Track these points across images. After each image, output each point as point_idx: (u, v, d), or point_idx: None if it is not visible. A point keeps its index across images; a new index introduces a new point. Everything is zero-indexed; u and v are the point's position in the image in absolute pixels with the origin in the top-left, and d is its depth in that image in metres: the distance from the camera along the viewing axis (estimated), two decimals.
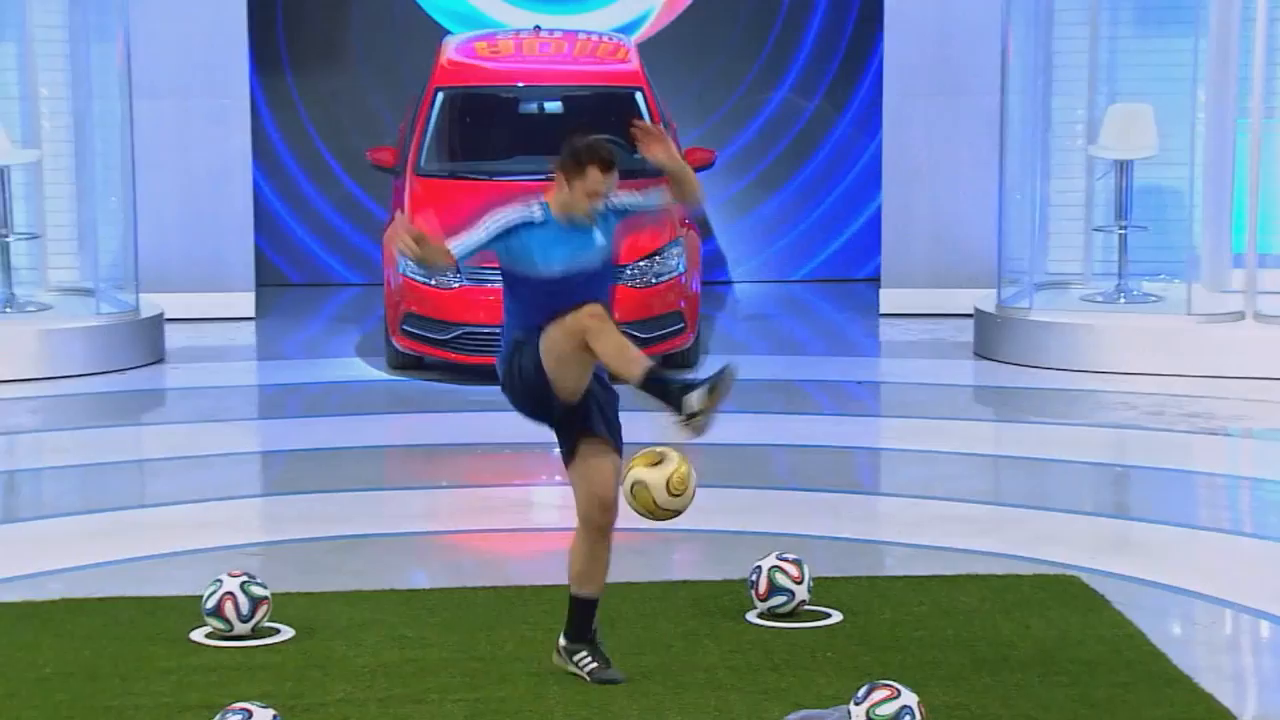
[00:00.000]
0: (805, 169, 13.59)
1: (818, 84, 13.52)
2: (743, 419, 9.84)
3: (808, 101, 13.51)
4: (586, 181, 5.73)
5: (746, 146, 13.63)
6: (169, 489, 8.56)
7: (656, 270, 10.61)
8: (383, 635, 6.39)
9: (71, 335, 10.76)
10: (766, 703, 5.77)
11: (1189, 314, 10.73)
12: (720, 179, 13.35)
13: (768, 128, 13.58)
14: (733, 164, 13.49)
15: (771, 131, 13.58)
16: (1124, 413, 9.83)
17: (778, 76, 13.56)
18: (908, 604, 6.70)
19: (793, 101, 13.55)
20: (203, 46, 12.13)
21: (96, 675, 6.04)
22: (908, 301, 12.31)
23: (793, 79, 13.57)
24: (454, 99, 11.46)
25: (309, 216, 13.41)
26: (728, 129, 13.50)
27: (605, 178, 5.75)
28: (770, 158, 13.57)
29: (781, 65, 13.55)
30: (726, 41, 13.56)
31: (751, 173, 13.62)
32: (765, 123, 13.58)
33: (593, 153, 5.75)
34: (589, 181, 5.73)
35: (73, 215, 11.57)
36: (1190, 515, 8.15)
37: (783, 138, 13.58)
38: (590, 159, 5.74)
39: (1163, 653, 6.21)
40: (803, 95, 13.53)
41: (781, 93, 13.56)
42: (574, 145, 5.78)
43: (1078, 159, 11.65)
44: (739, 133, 13.55)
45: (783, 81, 13.57)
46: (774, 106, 13.57)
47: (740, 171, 13.60)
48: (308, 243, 13.43)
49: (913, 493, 8.39)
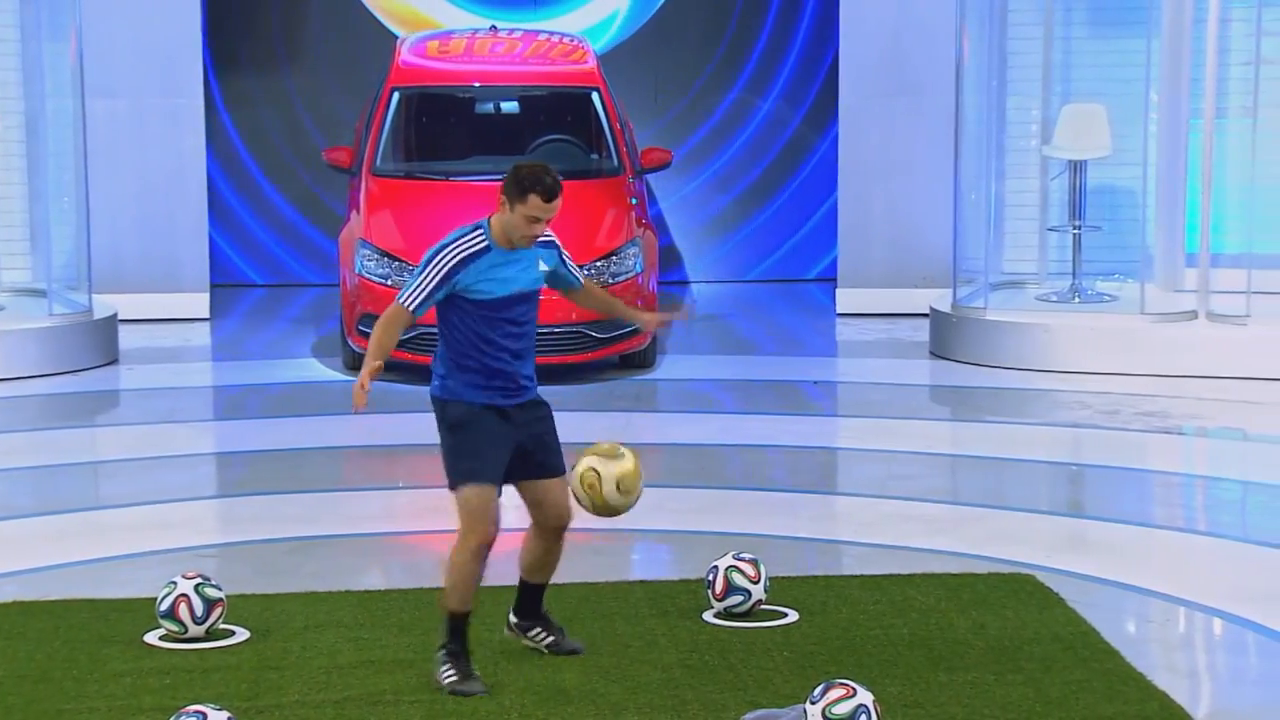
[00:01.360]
0: (759, 168, 13.61)
1: (771, 83, 13.55)
2: (700, 419, 9.85)
3: (762, 100, 13.54)
4: (527, 207, 5.76)
5: (701, 145, 13.64)
6: (123, 490, 8.51)
7: (613, 270, 10.61)
8: (339, 636, 6.37)
9: (24, 336, 10.69)
10: (723, 702, 5.78)
11: (1143, 313, 10.79)
12: (676, 178, 13.37)
13: (721, 127, 13.60)
14: (688, 163, 13.50)
15: (726, 130, 13.61)
16: (1079, 412, 9.88)
17: (733, 76, 13.57)
18: (864, 603, 6.71)
19: (747, 100, 13.57)
20: (157, 46, 12.07)
21: (49, 678, 6.00)
22: (864, 301, 12.35)
23: (746, 78, 13.59)
24: (410, 99, 11.43)
25: (267, 216, 13.35)
26: (683, 128, 13.51)
27: (546, 206, 5.77)
28: (725, 157, 13.59)
29: (737, 65, 13.56)
30: (682, 41, 13.57)
31: (708, 172, 13.64)
32: (719, 122, 13.60)
33: (536, 181, 5.76)
34: (529, 208, 5.76)
35: (25, 215, 11.49)
36: (1145, 514, 8.19)
37: (737, 137, 13.60)
38: (533, 187, 5.75)
39: (1117, 650, 6.25)
40: (757, 94, 13.55)
41: (735, 92, 13.58)
42: (519, 170, 5.81)
43: (1032, 159, 11.70)
44: (694, 132, 13.56)
45: (737, 81, 13.59)
46: (727, 106, 13.59)
47: (696, 171, 13.61)
48: (266, 243, 13.37)
49: (869, 492, 8.42)
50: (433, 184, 11.02)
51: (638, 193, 11.30)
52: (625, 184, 11.19)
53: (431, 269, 5.78)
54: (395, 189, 11.03)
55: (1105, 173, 11.47)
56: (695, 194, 13.62)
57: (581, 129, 11.53)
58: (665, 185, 13.45)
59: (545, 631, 6.10)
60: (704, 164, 13.55)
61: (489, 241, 5.80)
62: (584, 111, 11.49)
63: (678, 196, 13.59)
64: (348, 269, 10.75)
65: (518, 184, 5.76)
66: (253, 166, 13.32)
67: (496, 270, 5.79)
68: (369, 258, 10.57)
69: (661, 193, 13.56)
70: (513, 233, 5.80)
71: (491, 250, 5.79)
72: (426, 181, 11.07)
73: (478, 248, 5.79)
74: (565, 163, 11.34)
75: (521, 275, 5.84)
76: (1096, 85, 11.50)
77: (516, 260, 5.83)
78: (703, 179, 13.60)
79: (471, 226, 5.85)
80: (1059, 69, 11.66)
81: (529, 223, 5.77)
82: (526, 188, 5.75)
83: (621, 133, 11.38)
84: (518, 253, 5.82)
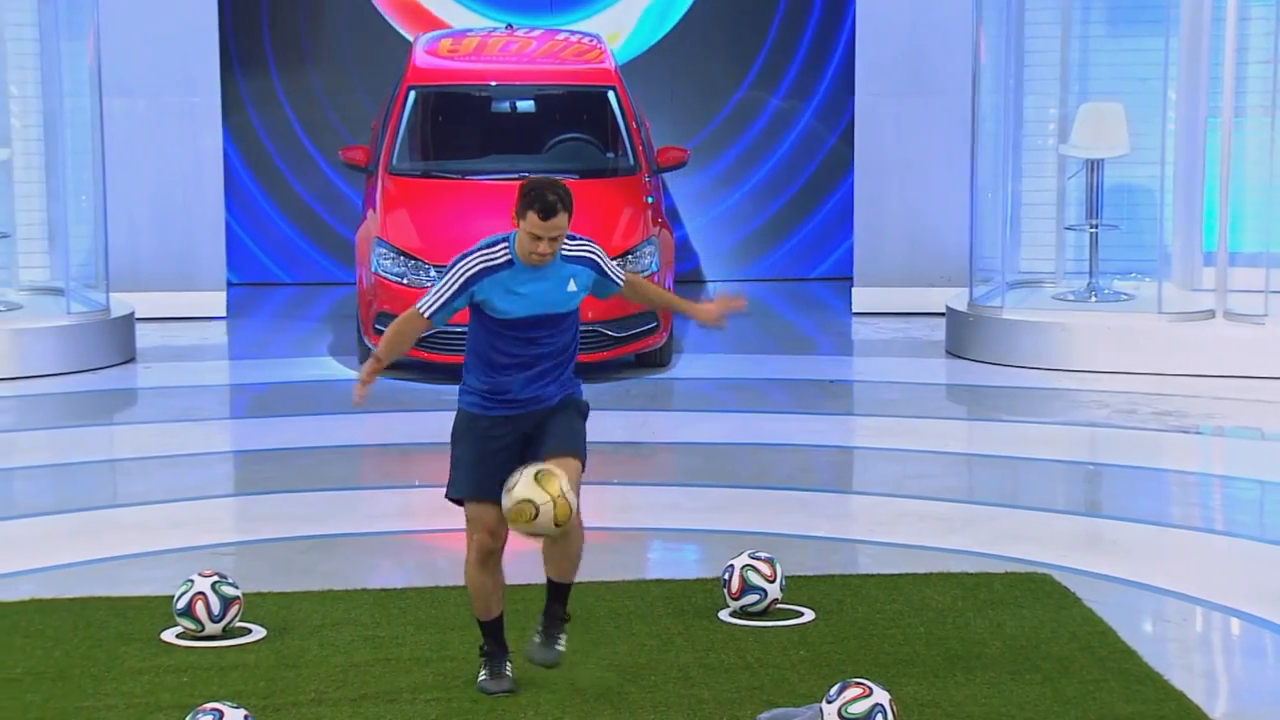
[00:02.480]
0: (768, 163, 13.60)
1: (781, 79, 13.54)
2: (716, 417, 9.85)
3: (771, 97, 13.53)
4: (527, 224, 5.53)
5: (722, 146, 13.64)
6: (141, 489, 8.53)
7: (630, 269, 10.60)
8: (355, 635, 6.38)
9: (42, 334, 10.72)
10: (740, 701, 5.78)
11: (1160, 312, 10.77)
12: (692, 177, 13.37)
13: (731, 123, 13.60)
14: (708, 164, 13.50)
15: (737, 127, 13.61)
16: (1096, 411, 9.87)
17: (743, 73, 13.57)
18: (880, 602, 6.71)
19: (756, 97, 13.56)
20: (174, 45, 12.10)
21: (68, 676, 6.02)
22: (880, 300, 12.34)
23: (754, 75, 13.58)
24: (427, 98, 11.44)
25: (290, 214, 13.38)
26: (698, 127, 13.51)
27: (543, 224, 5.50)
28: (734, 152, 13.59)
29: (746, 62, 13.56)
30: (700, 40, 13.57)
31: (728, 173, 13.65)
32: (729, 118, 13.61)
33: (536, 196, 5.50)
34: (528, 224, 5.53)
35: (43, 214, 11.53)
36: (1162, 513, 8.18)
37: (747, 133, 13.60)
38: (531, 204, 5.51)
39: (1134, 650, 6.24)
40: (767, 90, 13.55)
41: (744, 90, 13.58)
42: (525, 184, 5.59)
43: (1049, 158, 11.68)
44: (707, 129, 13.56)
45: (747, 78, 13.59)
46: (737, 103, 13.59)
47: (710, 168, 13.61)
48: (289, 241, 13.41)
49: (885, 491, 8.41)
50: (449, 183, 11.04)
51: (654, 191, 11.30)
52: (642, 182, 11.19)
53: (451, 277, 5.63)
54: (412, 188, 11.05)
55: (1123, 171, 11.45)
56: (708, 190, 13.63)
57: (598, 128, 11.54)
58: (685, 184, 13.46)
59: (537, 632, 5.86)
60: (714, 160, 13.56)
61: (511, 256, 5.60)
62: (600, 110, 11.50)
63: (697, 194, 13.59)
64: (364, 268, 10.77)
65: (520, 199, 5.55)
66: (277, 164, 13.35)
67: (518, 286, 5.58)
68: (385, 256, 10.59)
69: (683, 192, 13.57)
70: (522, 248, 5.59)
71: (514, 265, 5.58)
72: (443, 180, 11.09)
73: (498, 261, 5.59)
74: (581, 161, 11.36)
75: (546, 296, 5.60)
76: (1114, 84, 11.48)
77: (542, 278, 5.59)
78: (713, 175, 13.61)
79: (498, 238, 5.66)
80: (1077, 67, 11.64)
81: (531, 240, 5.53)
82: (526, 204, 5.52)
83: (638, 131, 11.38)
84: (544, 270, 5.60)
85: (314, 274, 13.35)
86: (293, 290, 13.20)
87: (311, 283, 13.33)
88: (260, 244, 13.35)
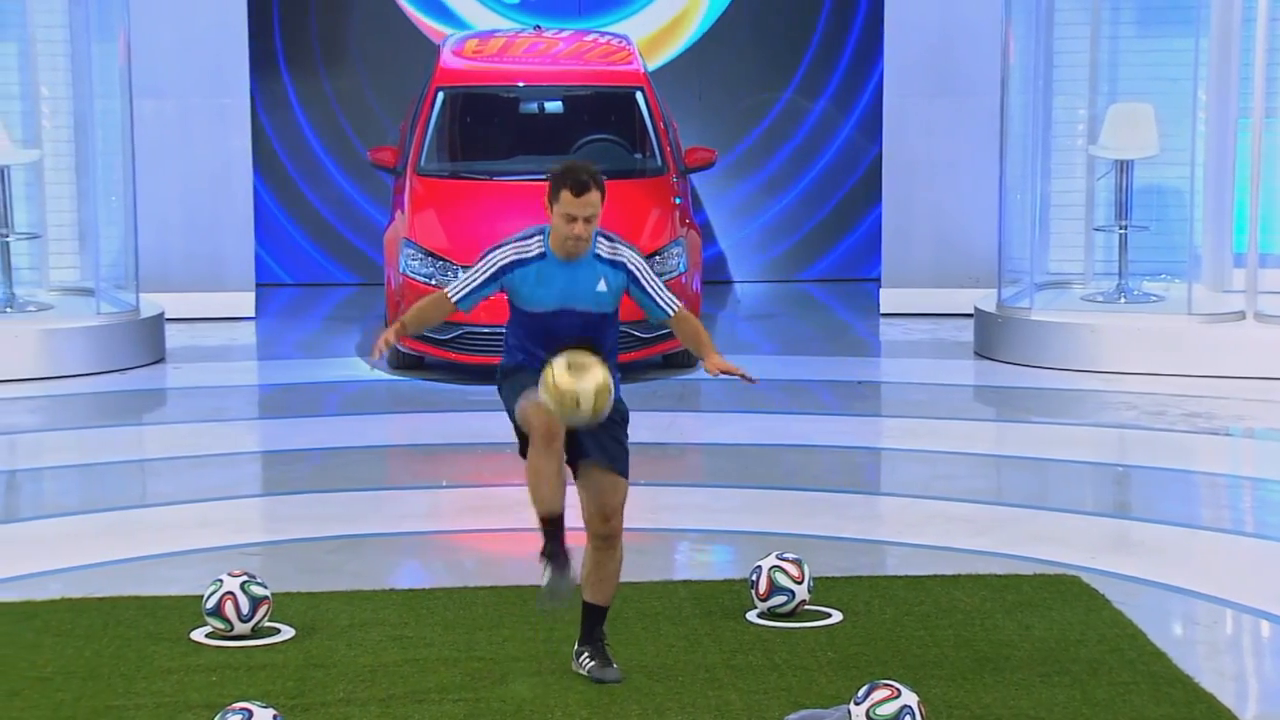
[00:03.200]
0: (810, 171, 13.60)
1: (823, 86, 13.53)
2: (743, 418, 9.84)
3: (813, 103, 13.53)
4: (560, 205, 5.54)
5: (751, 148, 13.64)
6: (169, 488, 8.56)
7: (657, 270, 10.60)
8: (383, 635, 6.39)
9: (72, 335, 10.76)
10: (767, 702, 5.77)
11: (1190, 314, 10.73)
12: (723, 180, 13.37)
13: (773, 129, 13.60)
14: (737, 165, 13.50)
15: (777, 133, 13.60)
16: (1125, 413, 9.83)
17: (784, 78, 13.57)
18: (908, 603, 6.70)
19: (797, 103, 13.55)
20: (203, 46, 12.14)
21: (97, 675, 6.04)
22: (908, 301, 12.32)
23: (798, 81, 13.58)
24: (455, 98, 11.46)
25: (307, 217, 13.42)
26: (732, 130, 13.51)
27: (576, 201, 5.51)
28: (777, 160, 13.59)
29: (788, 67, 13.55)
30: (731, 42, 13.56)
31: (759, 175, 13.64)
32: (771, 124, 13.60)
33: (567, 175, 5.53)
34: (562, 204, 5.54)
35: (73, 215, 11.58)
36: (1191, 515, 8.14)
37: (789, 140, 13.60)
38: (563, 183, 5.53)
39: (1164, 653, 6.21)
40: (807, 97, 13.54)
41: (787, 94, 13.58)
42: (556, 167, 5.60)
43: (1078, 159, 11.65)
44: (744, 134, 13.56)
45: (789, 83, 13.58)
46: (779, 108, 13.58)
47: (744, 173, 13.61)
48: (306, 243, 13.44)
49: (913, 492, 8.39)
50: (477, 183, 11.05)
51: (682, 192, 11.30)
52: (669, 183, 11.19)
53: (482, 265, 5.66)
54: (440, 189, 11.06)
55: (1152, 172, 11.41)
56: (745, 196, 13.63)
57: (626, 129, 11.54)
58: (714, 186, 13.46)
59: (590, 656, 5.91)
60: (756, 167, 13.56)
61: (544, 249, 5.61)
62: (628, 111, 11.50)
63: (728, 198, 13.59)
64: (392, 268, 10.79)
65: (552, 182, 5.57)
66: (291, 168, 13.38)
67: (548, 279, 5.59)
68: (413, 257, 10.61)
69: (710, 193, 13.57)
70: (557, 237, 5.61)
71: (546, 258, 5.60)
72: (471, 181, 11.10)
73: (531, 253, 5.60)
74: (609, 162, 11.36)
75: (575, 290, 5.60)
76: (1144, 84, 11.44)
77: (572, 273, 5.60)
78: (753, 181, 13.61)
79: (533, 230, 5.68)
80: (1106, 68, 11.60)
81: (567, 222, 5.54)
82: (558, 185, 5.54)
83: (666, 132, 11.38)
84: (575, 265, 5.59)
85: (325, 275, 13.37)
86: (307, 291, 13.22)
87: (338, 283, 13.36)
88: (290, 244, 13.38)
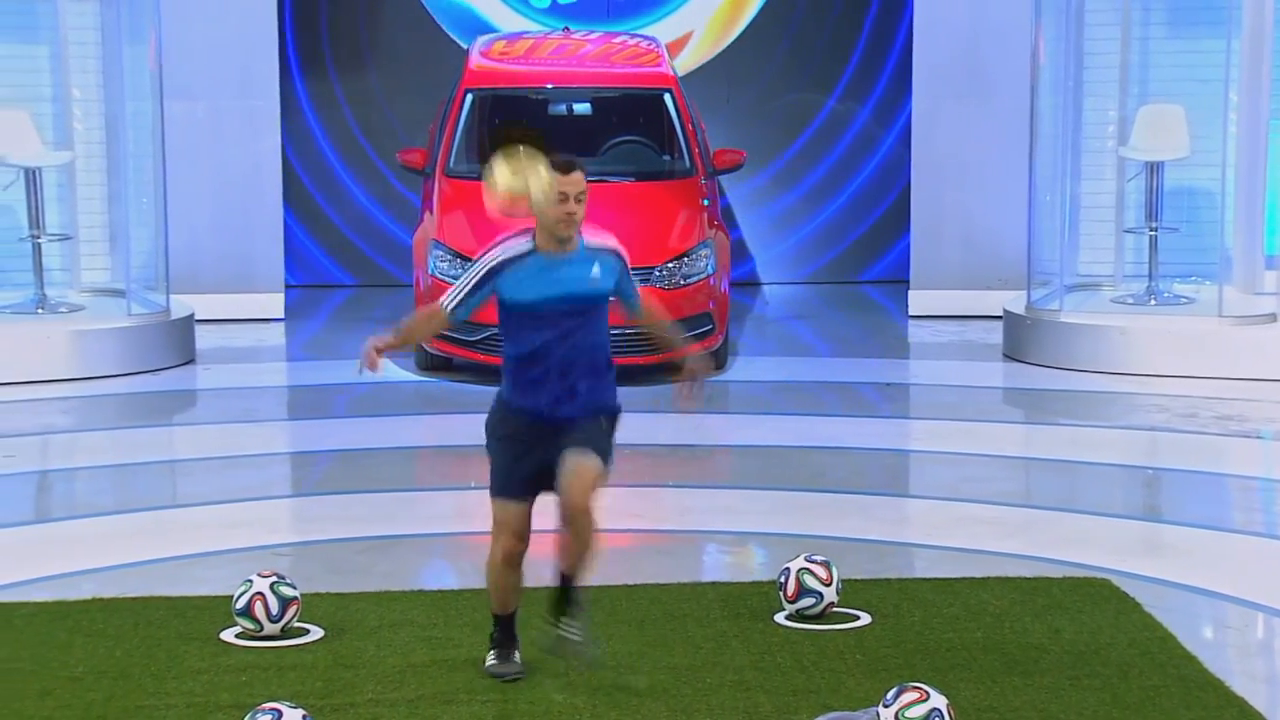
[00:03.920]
0: (823, 165, 13.58)
1: (837, 81, 13.51)
2: (771, 420, 9.84)
3: (828, 99, 13.50)
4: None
5: (779, 149, 13.62)
6: (200, 489, 8.59)
7: (685, 272, 10.60)
8: (412, 636, 6.40)
9: (103, 336, 10.81)
10: (796, 704, 5.77)
11: (1220, 316, 10.68)
12: (747, 179, 13.35)
13: (789, 126, 13.58)
14: (765, 166, 13.49)
15: (793, 129, 13.58)
16: (1155, 415, 9.79)
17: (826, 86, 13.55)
18: (937, 606, 6.68)
19: (838, 113, 13.54)
20: (234, 48, 12.19)
21: (128, 674, 6.07)
22: (937, 303, 12.30)
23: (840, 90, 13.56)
24: (484, 100, 11.47)
25: (349, 217, 13.46)
26: (757, 129, 13.50)
27: (567, 179, 5.56)
28: (789, 154, 13.57)
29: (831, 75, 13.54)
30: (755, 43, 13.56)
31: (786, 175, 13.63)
32: (786, 121, 13.58)
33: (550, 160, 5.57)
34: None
35: (105, 216, 11.63)
36: (1222, 518, 8.11)
37: (802, 135, 13.58)
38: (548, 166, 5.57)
39: (1195, 656, 6.19)
40: (823, 92, 13.52)
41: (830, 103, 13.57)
42: None
43: (1109, 160, 11.61)
44: (767, 132, 13.55)
45: (820, 85, 13.57)
46: (822, 117, 13.58)
47: (772, 174, 13.60)
48: (347, 243, 13.48)
49: (942, 495, 8.38)
50: None
51: (710, 194, 11.29)
52: (698, 185, 11.18)
53: (472, 272, 5.69)
54: (468, 190, 11.06)
55: (1183, 174, 11.36)
56: (767, 194, 13.62)
57: (654, 130, 11.54)
58: (741, 186, 13.45)
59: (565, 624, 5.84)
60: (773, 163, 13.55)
61: (533, 245, 5.64)
62: (657, 113, 11.50)
63: (753, 197, 13.58)
64: (421, 269, 10.81)
65: None
66: (335, 166, 13.42)
67: (542, 274, 5.61)
68: (442, 258, 10.63)
69: (740, 196, 13.56)
70: (548, 221, 5.59)
71: (535, 253, 5.63)
72: None
73: (521, 250, 5.63)
74: (638, 164, 11.37)
75: (570, 278, 5.61)
76: (1175, 86, 11.39)
77: (566, 263, 5.61)
78: (769, 177, 13.60)
79: (520, 231, 5.72)
80: (1136, 69, 11.56)
81: (559, 201, 5.57)
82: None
83: (694, 134, 11.37)
84: (568, 256, 5.61)
85: (367, 275, 13.42)
86: (338, 292, 13.27)
87: (368, 284, 13.40)
88: (318, 245, 13.43)
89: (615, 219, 10.91)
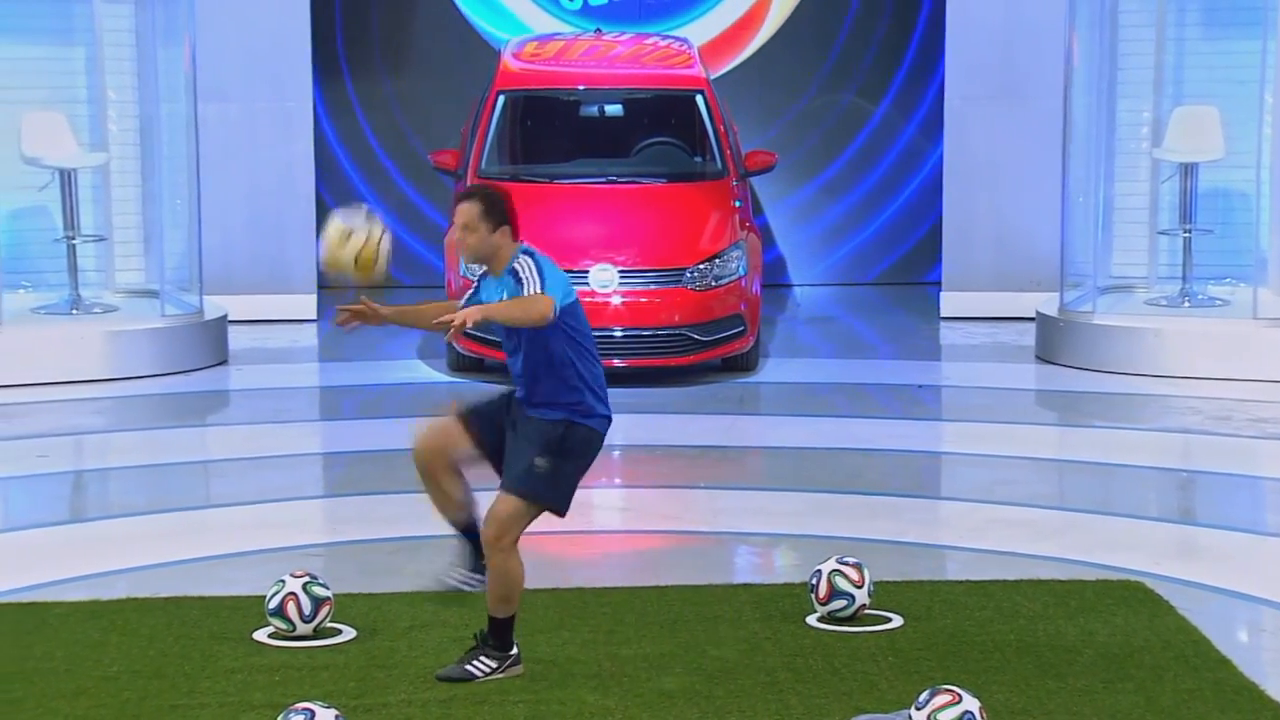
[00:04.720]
0: (872, 174, 13.57)
1: (885, 89, 13.50)
2: (803, 422, 9.82)
3: (875, 106, 13.49)
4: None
5: (811, 150, 13.61)
6: (233, 489, 8.62)
7: (717, 273, 10.60)
8: (444, 636, 6.41)
9: (137, 337, 10.86)
10: (828, 706, 5.76)
11: (1255, 318, 10.63)
12: (784, 183, 13.34)
13: (834, 132, 13.56)
14: (797, 168, 13.47)
15: (838, 136, 13.57)
16: (1189, 417, 9.75)
17: (844, 81, 13.54)
18: (970, 608, 6.66)
19: (859, 106, 13.52)
20: (267, 50, 12.23)
21: (162, 674, 6.09)
22: (969, 305, 12.27)
23: (859, 83, 13.55)
24: (515, 102, 11.49)
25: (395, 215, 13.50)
26: (793, 133, 13.49)
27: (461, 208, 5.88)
28: (838, 163, 13.56)
29: (848, 70, 13.52)
30: (793, 45, 13.54)
31: (819, 178, 13.62)
32: (832, 127, 13.57)
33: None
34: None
35: (139, 218, 11.68)
36: (1257, 521, 8.07)
37: (850, 142, 13.56)
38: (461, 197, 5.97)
39: (1229, 660, 6.15)
40: (869, 100, 13.50)
41: (848, 97, 13.55)
42: None
43: (1142, 162, 11.56)
44: (805, 137, 13.53)
45: (849, 86, 13.55)
46: (840, 111, 13.55)
47: (805, 176, 13.59)
48: None
49: (975, 497, 8.35)
50: (537, 186, 11.07)
51: (742, 195, 11.28)
52: (729, 187, 11.18)
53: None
54: None
55: (1217, 175, 11.31)
56: (806, 199, 13.61)
57: (686, 132, 11.54)
58: (775, 189, 13.44)
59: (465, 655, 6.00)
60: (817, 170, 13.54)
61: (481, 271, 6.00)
62: (688, 114, 11.50)
63: (788, 201, 13.57)
64: (453, 271, 10.83)
65: None
66: (351, 172, 13.46)
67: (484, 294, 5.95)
68: None
69: (771, 198, 13.55)
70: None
71: (486, 275, 5.96)
72: (531, 184, 11.12)
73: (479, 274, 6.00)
74: (669, 165, 11.37)
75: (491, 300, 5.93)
76: (1209, 87, 11.34)
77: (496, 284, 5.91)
78: (814, 184, 13.59)
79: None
80: (1170, 70, 11.51)
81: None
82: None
83: (726, 135, 11.37)
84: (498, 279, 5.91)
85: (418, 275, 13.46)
86: (385, 292, 13.29)
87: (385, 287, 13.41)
88: None
89: (647, 220, 10.93)
